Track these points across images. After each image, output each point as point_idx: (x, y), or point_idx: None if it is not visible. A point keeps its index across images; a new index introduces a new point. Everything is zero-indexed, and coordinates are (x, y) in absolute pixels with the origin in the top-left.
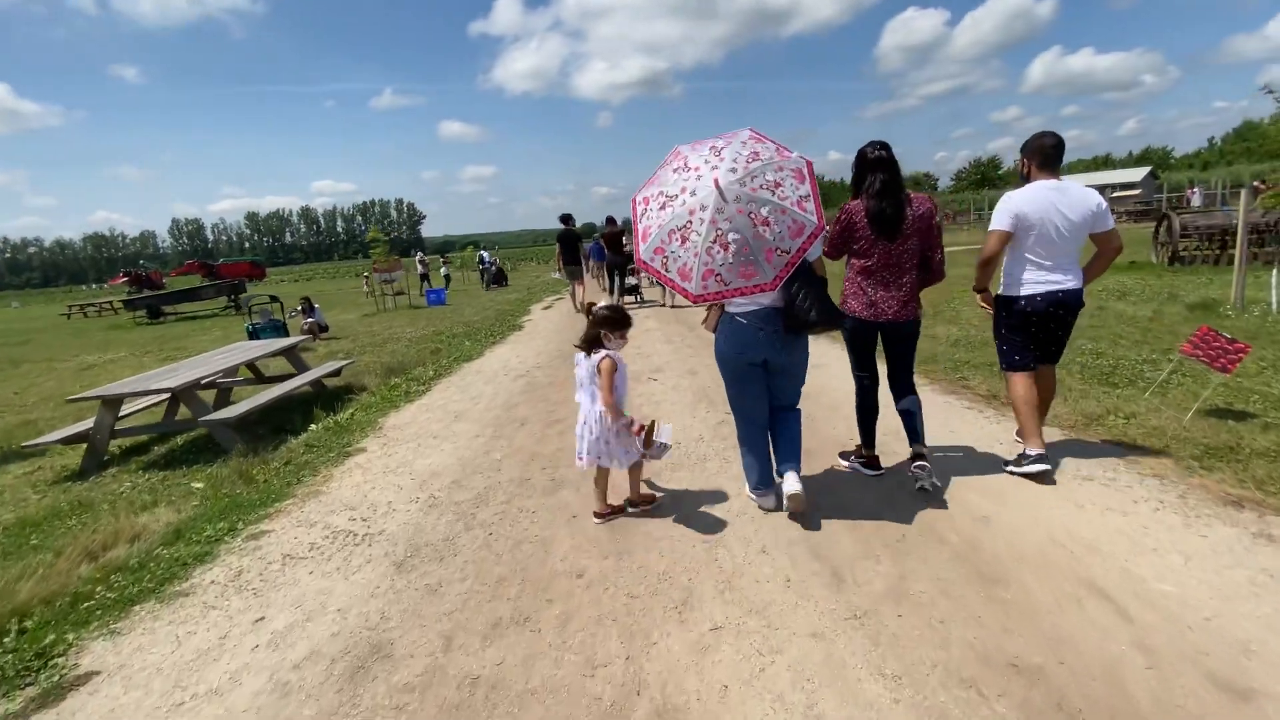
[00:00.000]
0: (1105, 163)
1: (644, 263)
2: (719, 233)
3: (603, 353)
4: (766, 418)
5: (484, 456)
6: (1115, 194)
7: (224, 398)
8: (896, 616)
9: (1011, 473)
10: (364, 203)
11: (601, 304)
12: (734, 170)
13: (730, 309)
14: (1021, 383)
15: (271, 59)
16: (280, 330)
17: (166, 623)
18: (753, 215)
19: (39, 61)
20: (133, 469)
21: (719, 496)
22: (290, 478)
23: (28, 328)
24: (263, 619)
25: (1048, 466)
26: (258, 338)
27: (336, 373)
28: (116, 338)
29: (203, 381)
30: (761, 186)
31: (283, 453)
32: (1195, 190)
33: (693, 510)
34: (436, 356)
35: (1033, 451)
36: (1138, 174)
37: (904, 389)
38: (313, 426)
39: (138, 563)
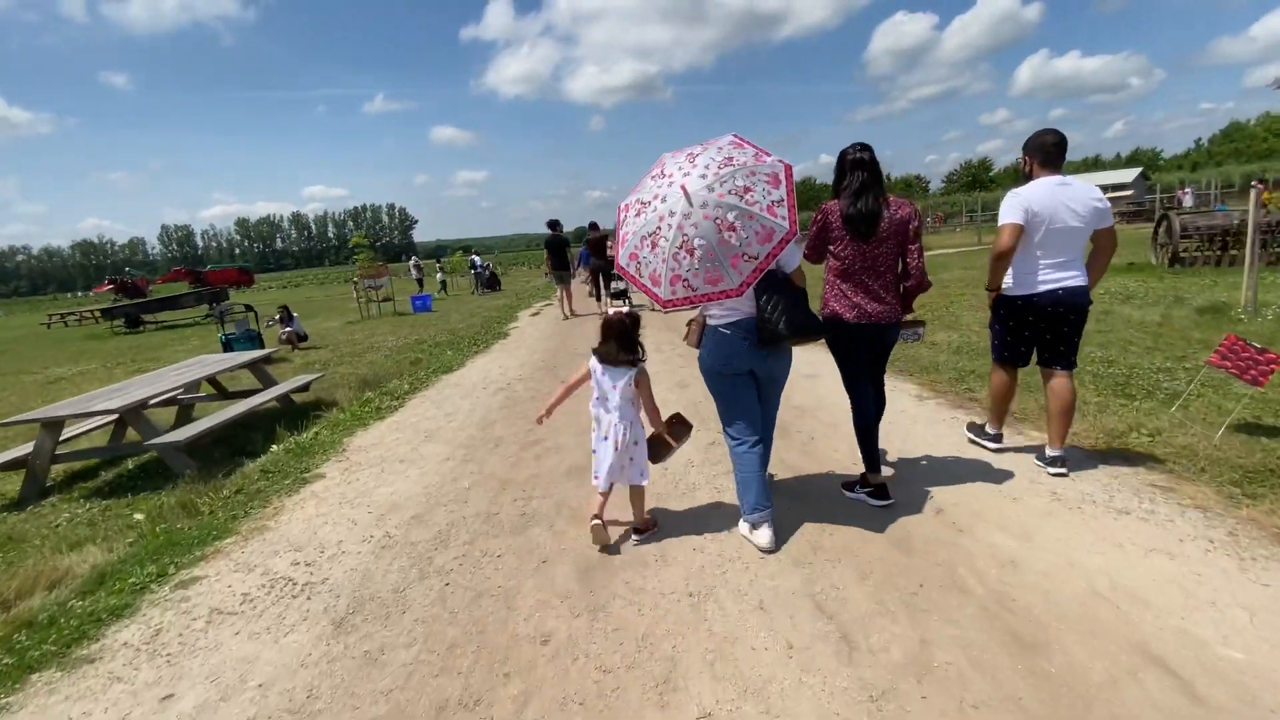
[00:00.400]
0: (1096, 164)
1: (622, 268)
2: (685, 238)
3: (641, 364)
4: (759, 432)
5: (451, 485)
6: (1108, 194)
7: (186, 415)
8: (920, 699)
9: (970, 441)
10: (355, 208)
11: (622, 310)
12: (704, 176)
13: (712, 321)
14: (1000, 375)
15: (263, 65)
16: (255, 341)
17: (63, 698)
18: (718, 221)
19: (30, 69)
20: (75, 497)
21: (710, 534)
22: (238, 509)
23: (6, 338)
24: (171, 696)
25: (1001, 446)
26: (231, 349)
27: (305, 387)
28: (92, 348)
29: (152, 402)
30: (730, 192)
31: (236, 479)
32: (1187, 190)
33: (680, 552)
34: (415, 368)
35: (993, 430)
36: (1129, 175)
37: (875, 389)
38: (273, 448)
39: (48, 617)
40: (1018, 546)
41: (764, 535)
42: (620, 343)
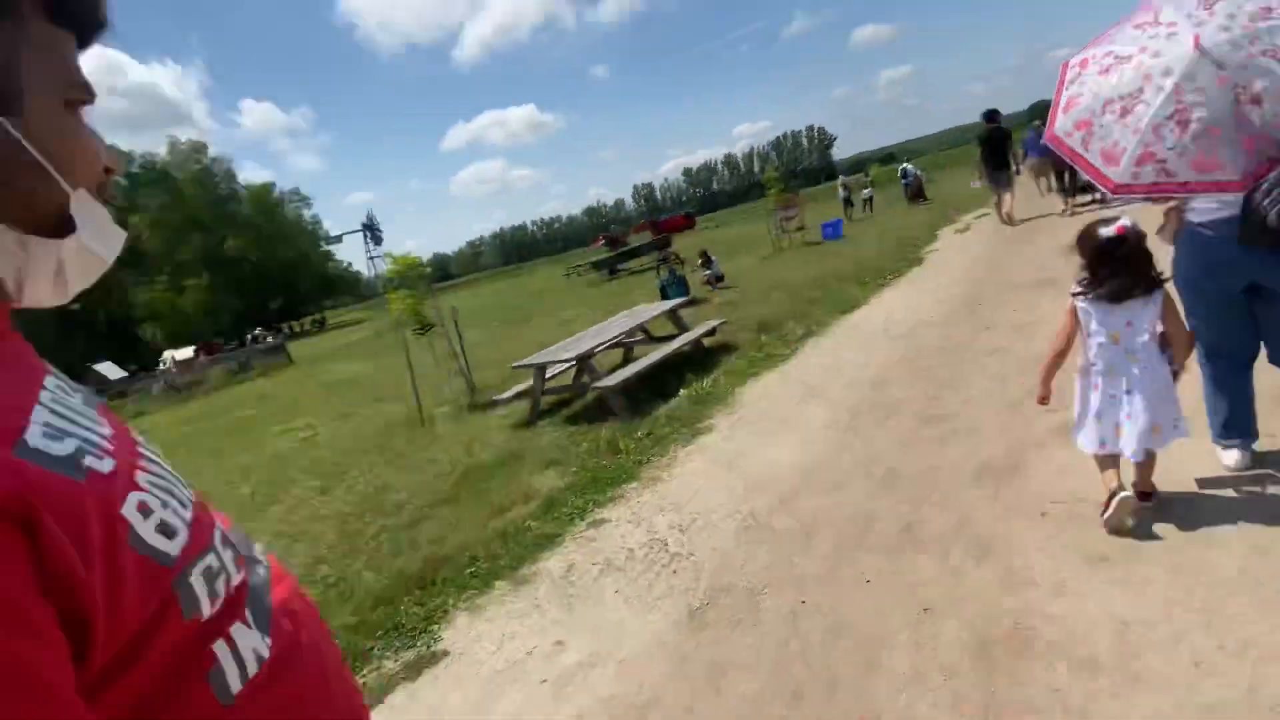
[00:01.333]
0: None
1: (1056, 137)
2: (1180, 107)
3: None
4: (1247, 350)
5: (826, 465)
6: None
7: (628, 357)
8: None
9: None
10: (777, 138)
11: (1123, 222)
12: (1227, 29)
13: (1193, 217)
14: None
15: (687, 21)
16: (681, 285)
17: (485, 620)
18: (1238, 89)
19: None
20: (557, 422)
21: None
22: (644, 455)
23: (544, 288)
24: (563, 644)
25: None
26: (666, 295)
27: (712, 332)
28: (590, 294)
29: (598, 350)
30: (1263, 52)
31: (648, 422)
32: None
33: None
34: (813, 308)
35: None
36: None
37: None
38: (681, 392)
39: (515, 530)
40: None
41: (1230, 458)
42: (1137, 266)
